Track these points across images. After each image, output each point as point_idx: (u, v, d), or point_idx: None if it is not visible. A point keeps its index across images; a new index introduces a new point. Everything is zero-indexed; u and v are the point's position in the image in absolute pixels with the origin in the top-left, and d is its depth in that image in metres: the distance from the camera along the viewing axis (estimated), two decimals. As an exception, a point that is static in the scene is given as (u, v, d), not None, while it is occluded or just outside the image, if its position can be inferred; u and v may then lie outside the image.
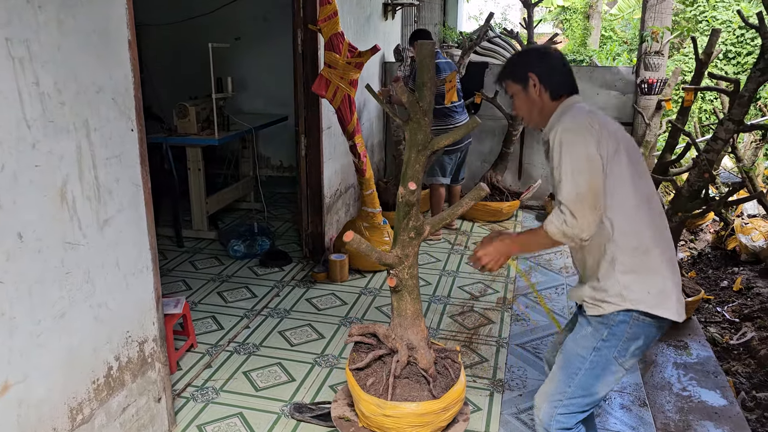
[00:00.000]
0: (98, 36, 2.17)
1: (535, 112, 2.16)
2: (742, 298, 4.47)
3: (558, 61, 2.17)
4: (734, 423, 2.98)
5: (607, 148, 1.95)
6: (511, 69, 2.20)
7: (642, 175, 2.05)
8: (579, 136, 1.93)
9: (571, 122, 1.97)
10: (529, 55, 2.25)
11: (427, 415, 2.33)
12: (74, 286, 2.14)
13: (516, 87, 2.18)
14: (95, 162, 2.20)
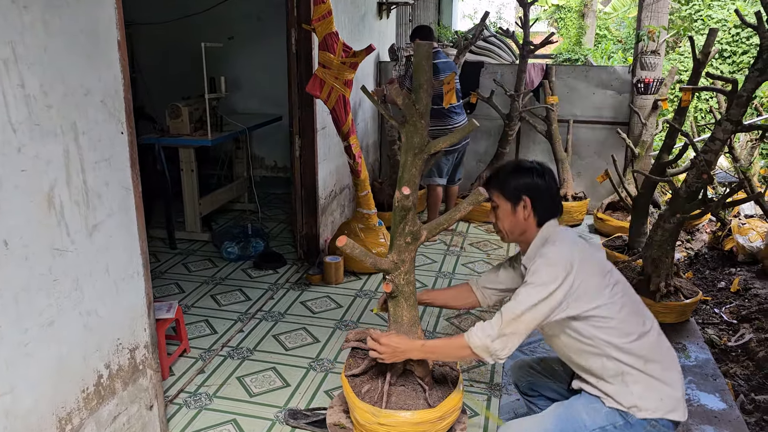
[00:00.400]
0: (86, 37, 2.12)
1: (517, 232, 2.16)
2: (739, 299, 4.45)
3: (553, 183, 2.15)
4: (734, 427, 2.95)
5: (588, 282, 1.95)
6: (504, 182, 2.14)
7: (631, 296, 2.07)
8: (554, 274, 1.94)
9: (554, 256, 1.97)
10: (525, 173, 2.13)
11: (423, 424, 2.29)
12: (62, 294, 2.09)
13: (504, 203, 2.14)
14: (84, 166, 2.14)
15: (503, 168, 2.22)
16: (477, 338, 1.99)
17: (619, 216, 5.53)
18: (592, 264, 1.99)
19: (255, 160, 6.85)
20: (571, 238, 2.07)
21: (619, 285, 2.03)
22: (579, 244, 2.05)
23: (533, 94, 6.05)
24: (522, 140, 6.24)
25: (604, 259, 2.10)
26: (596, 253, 2.10)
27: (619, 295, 2.00)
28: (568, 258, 1.95)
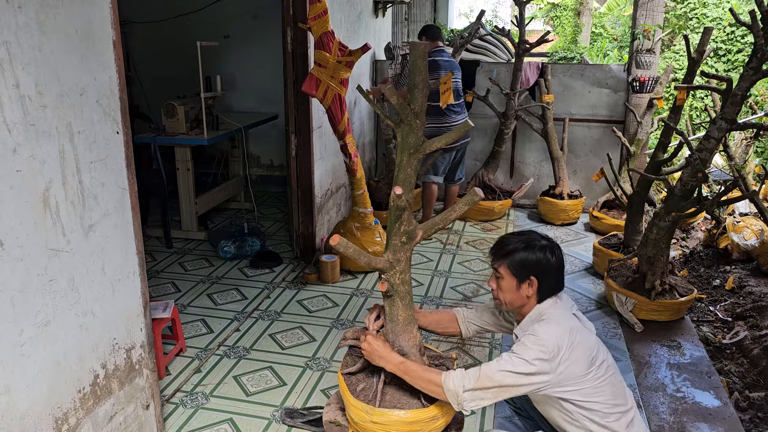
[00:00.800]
0: (81, 37, 2.11)
1: (516, 305, 2.18)
2: (734, 296, 4.46)
3: (560, 265, 2.14)
4: (729, 424, 2.96)
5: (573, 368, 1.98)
6: (513, 257, 2.12)
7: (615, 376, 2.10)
8: (540, 356, 1.95)
9: (545, 337, 1.98)
10: (537, 251, 2.11)
11: (416, 423, 2.29)
12: (58, 294, 2.08)
13: (510, 278, 2.14)
14: (79, 166, 2.14)
15: (513, 241, 2.18)
16: (452, 383, 2.05)
17: (614, 214, 5.55)
18: (580, 350, 2.00)
19: (251, 158, 6.85)
20: (566, 320, 2.07)
21: (603, 366, 2.06)
22: (572, 327, 2.04)
23: (529, 93, 6.06)
24: (518, 139, 6.25)
25: (594, 340, 2.10)
26: (587, 336, 2.08)
27: (602, 379, 2.04)
28: (557, 343, 1.97)
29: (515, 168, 6.35)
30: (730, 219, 5.07)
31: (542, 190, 5.98)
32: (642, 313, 3.86)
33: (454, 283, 4.46)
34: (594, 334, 2.13)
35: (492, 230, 5.64)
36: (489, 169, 5.96)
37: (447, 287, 4.38)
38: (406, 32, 8.34)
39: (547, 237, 2.20)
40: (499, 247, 2.20)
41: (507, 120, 5.79)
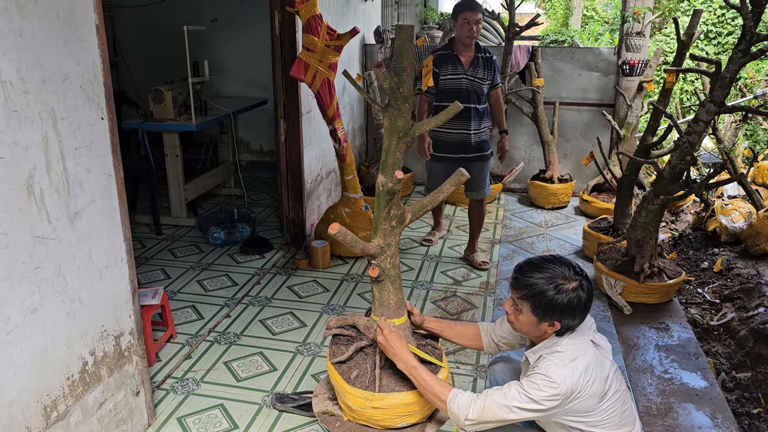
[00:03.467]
0: (63, 21, 2.08)
1: (533, 336, 2.06)
2: (722, 279, 4.50)
3: (589, 301, 1.96)
4: (715, 404, 3.00)
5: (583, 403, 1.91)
6: (540, 301, 1.93)
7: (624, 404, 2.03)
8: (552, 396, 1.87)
9: (559, 379, 1.87)
10: (567, 294, 1.91)
11: (415, 404, 2.31)
12: (44, 281, 2.07)
13: (531, 315, 1.97)
14: (63, 152, 2.12)
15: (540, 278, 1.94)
16: (456, 408, 2.01)
17: (604, 197, 5.57)
18: (594, 386, 1.91)
19: (241, 144, 6.81)
20: (582, 356, 1.92)
21: (614, 396, 1.98)
22: (588, 364, 1.91)
23: (519, 77, 6.04)
24: (508, 122, 6.21)
25: (608, 368, 1.98)
26: (602, 367, 1.95)
27: (612, 410, 1.97)
28: (571, 385, 1.87)
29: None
30: (718, 202, 5.10)
31: (532, 174, 5.98)
32: (631, 295, 3.89)
33: (445, 267, 4.47)
34: (609, 360, 2.01)
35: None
36: (479, 154, 5.95)
37: (437, 272, 4.39)
38: (396, 16, 8.27)
39: (579, 270, 1.99)
40: (523, 283, 1.97)
41: (497, 104, 5.76)
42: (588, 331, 2.04)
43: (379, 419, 2.31)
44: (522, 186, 6.29)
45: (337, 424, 2.37)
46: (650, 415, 2.90)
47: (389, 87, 2.13)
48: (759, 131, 7.52)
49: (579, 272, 1.98)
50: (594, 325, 2.12)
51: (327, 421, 2.40)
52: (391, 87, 2.13)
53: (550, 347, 1.99)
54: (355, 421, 2.37)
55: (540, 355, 1.99)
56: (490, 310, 3.84)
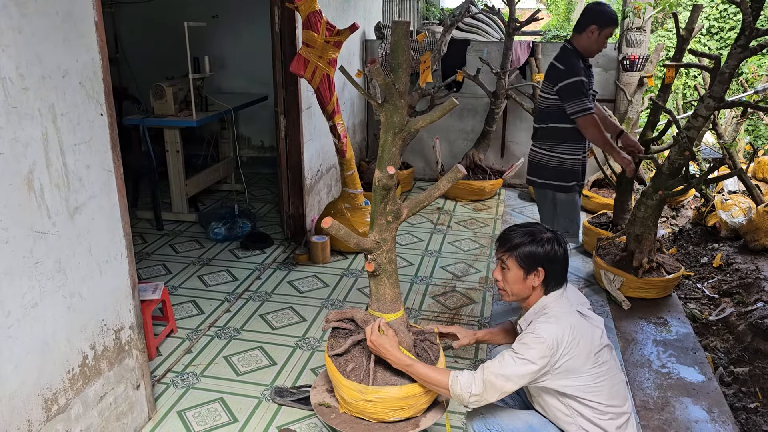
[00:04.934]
0: (63, 18, 2.10)
1: (522, 296, 2.19)
2: (721, 274, 4.51)
3: (565, 256, 2.16)
4: (712, 399, 3.02)
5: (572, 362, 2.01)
6: (521, 251, 2.13)
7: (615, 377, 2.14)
8: (540, 352, 1.98)
9: (545, 333, 2.00)
10: (544, 244, 2.12)
11: (409, 398, 2.33)
12: (45, 276, 2.10)
13: (516, 269, 2.15)
14: (63, 148, 2.14)
15: (520, 233, 2.18)
16: (459, 388, 2.08)
17: (604, 193, 5.57)
18: (581, 345, 2.02)
19: (242, 140, 6.82)
20: (567, 316, 2.08)
21: (604, 366, 2.08)
22: (573, 324, 2.05)
23: (520, 72, 6.04)
24: (509, 118, 6.25)
25: (599, 337, 2.10)
26: (591, 333, 2.08)
27: (602, 378, 2.07)
28: (556, 338, 1.99)
29: (506, 148, 6.36)
30: (718, 197, 5.10)
31: (533, 170, 5.98)
32: (629, 290, 3.90)
33: (445, 262, 4.48)
34: (601, 330, 2.13)
35: (482, 210, 5.66)
36: (479, 149, 5.96)
37: (437, 267, 4.41)
38: (397, 11, 8.27)
39: (551, 229, 2.21)
40: (505, 240, 2.19)
41: (497, 99, 5.77)
42: (576, 304, 2.18)
43: (372, 412, 2.33)
44: (522, 182, 6.28)
45: (332, 416, 2.39)
46: (647, 409, 2.92)
47: (384, 83, 2.14)
48: (760, 126, 7.50)
49: (551, 230, 2.21)
50: (587, 303, 2.25)
51: (323, 412, 2.42)
52: (386, 83, 2.14)
53: (539, 312, 2.14)
54: (350, 413, 2.39)
55: (530, 321, 2.14)
56: (489, 305, 3.86)
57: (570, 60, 3.46)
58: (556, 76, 3.48)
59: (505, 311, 3.76)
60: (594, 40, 3.47)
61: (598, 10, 3.45)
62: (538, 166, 3.71)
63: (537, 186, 3.79)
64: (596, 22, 3.42)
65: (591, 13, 3.45)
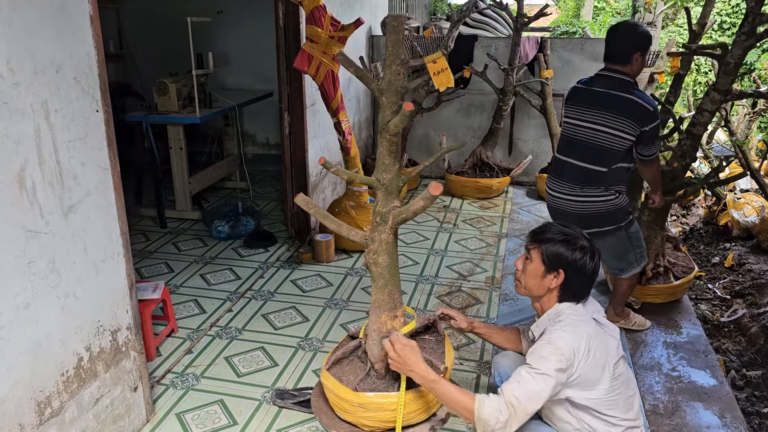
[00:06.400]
0: (56, 12, 2.05)
1: (535, 293, 2.14)
2: (733, 274, 4.43)
3: (594, 272, 2.08)
4: (724, 403, 2.93)
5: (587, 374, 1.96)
6: (549, 247, 2.09)
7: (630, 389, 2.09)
8: (557, 364, 1.92)
9: (561, 343, 1.94)
10: (576, 250, 2.06)
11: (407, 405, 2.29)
12: (38, 276, 2.04)
13: (538, 263, 2.10)
14: (56, 145, 2.09)
15: (556, 231, 2.13)
16: (486, 413, 1.95)
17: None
18: (597, 355, 1.97)
19: (247, 137, 6.77)
20: (583, 325, 2.01)
21: (619, 379, 2.03)
22: (588, 333, 1.99)
23: (528, 68, 5.96)
24: (516, 115, 6.16)
25: (615, 347, 2.05)
26: (606, 343, 2.03)
27: (617, 391, 2.02)
28: (572, 347, 1.93)
29: (514, 145, 6.27)
30: (730, 195, 5.01)
31: (541, 167, 5.90)
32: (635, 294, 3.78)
33: (450, 262, 4.41)
34: (617, 341, 2.08)
35: (490, 208, 5.59)
36: (487, 146, 5.88)
37: (443, 266, 4.34)
38: (404, 7, 8.20)
39: (590, 239, 2.13)
40: (539, 232, 2.15)
41: (505, 96, 5.70)
42: (592, 311, 2.12)
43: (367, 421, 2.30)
44: (530, 179, 6.21)
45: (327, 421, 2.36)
46: (657, 414, 2.84)
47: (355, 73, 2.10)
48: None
49: (591, 241, 2.11)
50: (602, 311, 2.18)
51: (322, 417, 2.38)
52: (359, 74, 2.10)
53: (553, 319, 2.07)
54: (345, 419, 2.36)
55: (544, 328, 2.07)
56: (495, 305, 3.79)
57: (649, 98, 3.05)
58: (644, 116, 2.96)
59: (512, 312, 3.69)
60: (639, 67, 3.09)
61: (638, 32, 3.08)
62: (606, 215, 3.11)
63: (609, 233, 3.15)
64: (639, 48, 3.04)
65: (631, 38, 3.05)
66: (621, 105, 3.00)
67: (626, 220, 3.16)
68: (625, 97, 3.00)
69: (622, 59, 3.06)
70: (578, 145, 3.11)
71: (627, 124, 2.98)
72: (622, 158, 3.05)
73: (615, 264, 3.28)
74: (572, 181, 3.11)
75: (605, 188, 3.06)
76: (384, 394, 2.36)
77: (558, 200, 3.19)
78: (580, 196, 3.09)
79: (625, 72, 3.06)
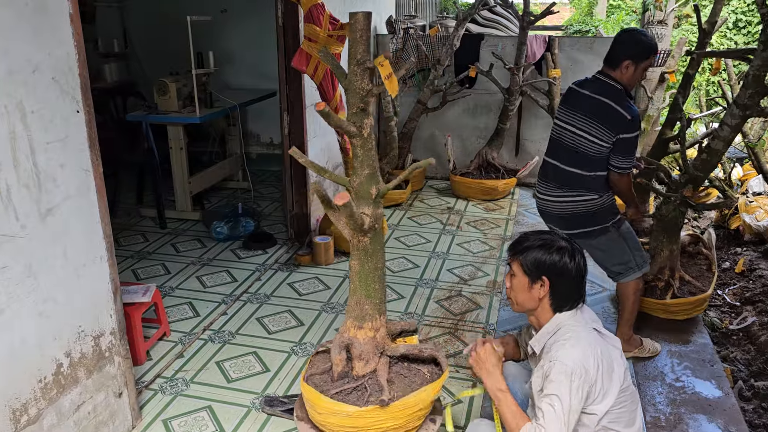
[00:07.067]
0: (33, 10, 2.00)
1: (527, 306, 2.07)
2: (744, 280, 4.29)
3: (579, 272, 2.02)
4: (728, 416, 2.82)
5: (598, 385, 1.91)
6: (527, 256, 2.02)
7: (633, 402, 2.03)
8: (574, 383, 1.85)
9: (569, 362, 1.87)
10: (553, 253, 2.00)
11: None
12: (12, 281, 1.99)
13: (521, 275, 2.04)
14: (33, 147, 2.04)
15: (531, 238, 2.08)
16: None
17: (622, 194, 5.35)
18: (605, 364, 1.92)
19: (251, 136, 6.72)
20: (586, 334, 1.96)
21: (627, 390, 1.99)
22: (593, 341, 1.94)
23: (535, 68, 5.84)
24: (523, 115, 6.05)
25: (619, 357, 2.00)
26: (610, 352, 1.98)
27: (623, 404, 1.97)
28: (583, 364, 1.87)
29: (520, 145, 6.16)
30: (742, 199, 4.87)
31: (548, 169, 5.79)
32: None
33: (452, 265, 4.33)
34: (618, 351, 2.03)
35: (495, 210, 5.49)
36: (493, 147, 5.78)
37: (444, 269, 4.25)
38: (413, 6, 8.10)
39: (569, 239, 2.08)
40: (516, 243, 2.10)
41: (511, 96, 5.59)
42: (591, 321, 2.06)
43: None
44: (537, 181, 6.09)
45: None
46: (658, 426, 2.74)
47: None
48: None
49: (569, 241, 2.06)
50: (599, 322, 2.10)
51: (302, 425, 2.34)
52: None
53: (552, 333, 2.01)
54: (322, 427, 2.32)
55: (544, 343, 2.01)
56: (495, 310, 3.70)
57: (632, 107, 2.89)
58: (619, 124, 2.86)
59: (512, 317, 3.60)
60: (630, 76, 2.91)
61: (633, 40, 2.89)
62: (587, 215, 3.03)
63: (598, 233, 3.05)
64: (630, 57, 2.86)
65: (623, 45, 2.90)
66: (598, 110, 2.91)
67: (612, 220, 3.05)
68: (603, 102, 2.90)
69: (611, 63, 2.95)
70: (562, 148, 3.06)
71: (601, 130, 2.89)
72: (597, 166, 2.96)
73: (613, 266, 3.15)
74: (555, 183, 3.08)
75: (586, 190, 3.00)
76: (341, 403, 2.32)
77: (543, 202, 3.16)
78: (561, 197, 3.05)
79: (614, 77, 2.95)
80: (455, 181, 5.75)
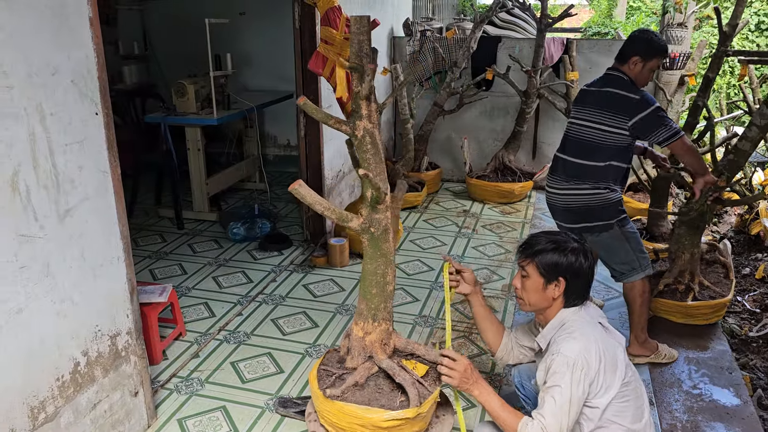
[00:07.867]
0: (53, 13, 2.03)
1: (540, 306, 2.10)
2: (764, 286, 4.22)
3: (591, 270, 2.07)
4: (747, 424, 2.78)
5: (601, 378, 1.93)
6: (543, 258, 2.05)
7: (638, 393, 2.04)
8: (575, 374, 1.89)
9: (573, 355, 1.90)
10: (568, 254, 2.03)
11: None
12: (31, 281, 2.02)
13: (537, 277, 2.06)
14: (52, 148, 2.07)
15: (544, 240, 2.09)
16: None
17: (640, 197, 5.30)
18: (608, 358, 1.95)
19: (268, 138, 6.76)
20: (590, 329, 1.99)
21: (631, 384, 2.00)
22: (596, 337, 1.97)
23: (553, 70, 5.80)
24: (541, 118, 6.02)
25: (622, 354, 2.02)
26: (614, 348, 2.01)
27: (627, 398, 1.98)
28: (584, 355, 1.91)
29: (538, 149, 6.13)
30: (763, 204, 4.79)
31: (565, 172, 5.75)
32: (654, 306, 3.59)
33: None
34: (622, 347, 2.05)
35: (511, 213, 5.46)
36: (510, 150, 5.76)
37: (459, 272, 4.23)
38: (431, 7, 8.10)
39: (579, 239, 2.11)
40: (528, 246, 2.11)
41: (528, 99, 5.56)
42: (596, 315, 2.09)
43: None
44: (554, 184, 6.06)
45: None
46: (674, 434, 2.71)
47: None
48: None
49: (579, 240, 2.10)
50: (604, 317, 2.14)
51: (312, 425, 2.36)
52: None
53: (557, 328, 2.05)
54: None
55: (550, 339, 2.05)
56: (510, 314, 3.68)
57: (639, 90, 2.99)
58: (628, 107, 2.93)
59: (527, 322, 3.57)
60: (637, 72, 3.03)
61: (644, 38, 3.03)
62: (591, 209, 3.06)
63: (601, 229, 3.07)
64: (639, 54, 3.00)
65: (635, 42, 3.04)
66: (606, 100, 3.02)
67: (617, 218, 3.07)
68: (609, 91, 3.03)
69: (621, 59, 3.08)
70: (571, 142, 3.16)
71: (614, 118, 2.98)
72: (611, 155, 3.02)
73: (617, 265, 3.15)
74: (563, 176, 3.14)
75: (592, 183, 3.04)
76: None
77: (552, 196, 3.23)
78: (567, 189, 3.11)
79: (622, 71, 3.06)
80: (471, 183, 5.73)
